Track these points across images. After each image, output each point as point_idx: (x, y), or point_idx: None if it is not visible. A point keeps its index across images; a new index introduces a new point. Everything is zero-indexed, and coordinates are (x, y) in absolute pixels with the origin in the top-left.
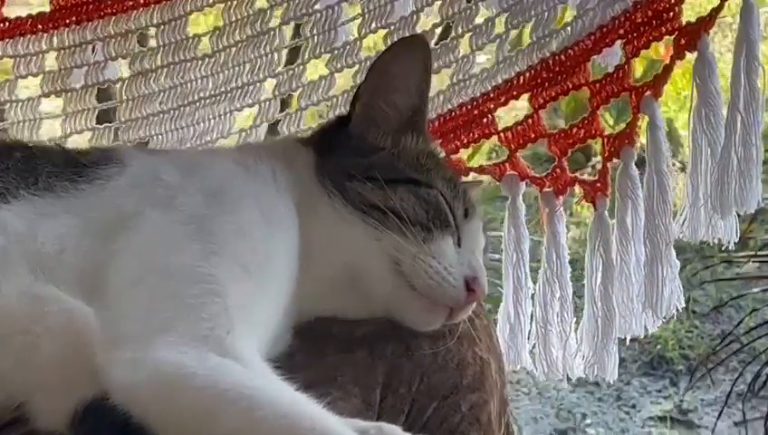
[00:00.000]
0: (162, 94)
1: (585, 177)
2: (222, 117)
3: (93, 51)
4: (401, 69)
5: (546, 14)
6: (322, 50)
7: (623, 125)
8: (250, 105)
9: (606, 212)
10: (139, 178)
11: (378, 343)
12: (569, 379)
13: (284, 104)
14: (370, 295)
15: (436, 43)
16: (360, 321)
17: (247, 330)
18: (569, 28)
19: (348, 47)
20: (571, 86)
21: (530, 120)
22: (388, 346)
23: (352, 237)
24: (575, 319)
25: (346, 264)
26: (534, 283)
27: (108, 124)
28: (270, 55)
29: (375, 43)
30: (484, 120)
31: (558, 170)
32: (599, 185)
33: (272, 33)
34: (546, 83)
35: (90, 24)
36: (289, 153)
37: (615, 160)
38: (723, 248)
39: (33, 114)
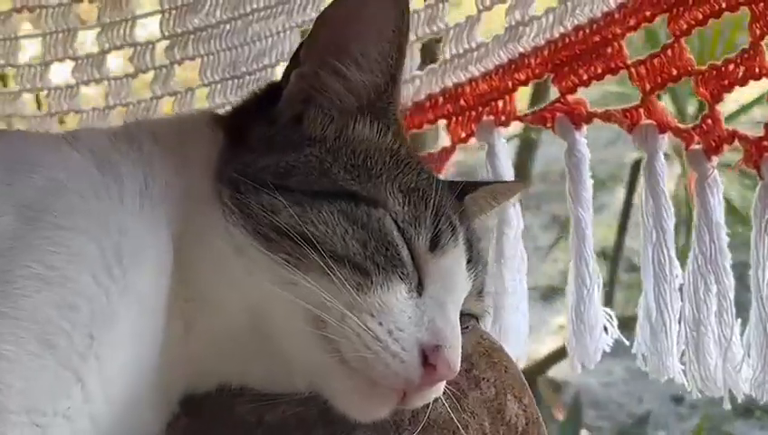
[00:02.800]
0: (209, 4)
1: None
2: (280, 35)
3: None
4: (363, 27)
5: None
6: None
7: None
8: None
9: None
10: None
11: None
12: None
13: None
14: (288, 364)
15: None
16: (278, 397)
17: None
18: None
19: None
20: (724, 5)
21: (669, 52)
22: None
23: (255, 280)
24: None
25: (249, 317)
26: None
27: (150, 40)
28: None
29: None
30: (609, 49)
31: (710, 121)
32: (766, 143)
33: None
34: (690, 1)
35: None
36: (188, 140)
37: None
38: None
39: (65, 24)
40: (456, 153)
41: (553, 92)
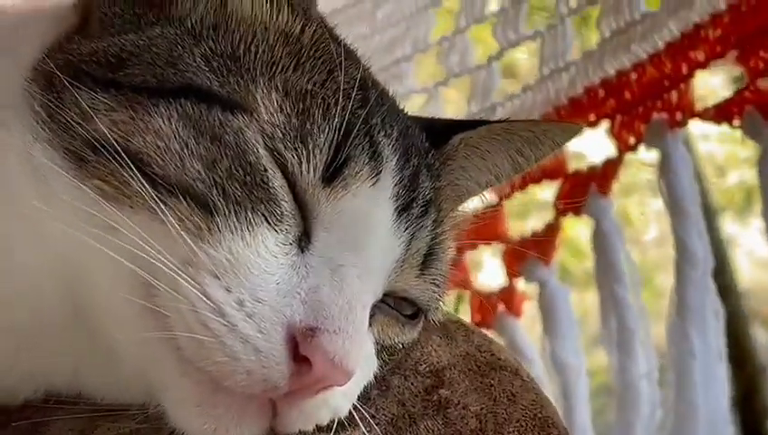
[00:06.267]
0: None
1: None
2: (415, 16)
3: None
4: None
5: None
6: None
7: None
8: None
9: None
10: None
11: None
12: None
13: None
14: (118, 358)
15: None
16: (122, 410)
17: None
18: None
19: None
20: None
21: None
22: None
23: (57, 224)
24: None
25: (56, 282)
26: None
27: None
28: None
29: None
30: None
31: None
32: None
33: None
34: None
35: None
36: (26, 28)
37: None
38: None
39: None
40: None
41: None
